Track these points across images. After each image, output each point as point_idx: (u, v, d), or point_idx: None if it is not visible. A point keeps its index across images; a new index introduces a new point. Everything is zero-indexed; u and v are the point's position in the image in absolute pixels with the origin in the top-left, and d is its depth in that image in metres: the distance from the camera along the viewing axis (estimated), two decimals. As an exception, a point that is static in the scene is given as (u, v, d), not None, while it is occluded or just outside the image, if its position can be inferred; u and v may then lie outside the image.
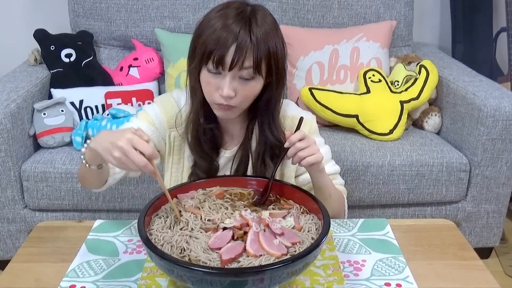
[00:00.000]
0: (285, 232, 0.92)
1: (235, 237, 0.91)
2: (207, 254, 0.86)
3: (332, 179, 1.20)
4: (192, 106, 1.16)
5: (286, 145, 1.06)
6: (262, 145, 1.17)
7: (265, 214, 0.97)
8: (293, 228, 0.95)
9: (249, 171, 1.21)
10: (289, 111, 1.22)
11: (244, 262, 0.85)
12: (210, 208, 0.99)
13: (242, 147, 1.20)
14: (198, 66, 1.08)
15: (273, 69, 1.07)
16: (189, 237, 0.91)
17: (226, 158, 1.22)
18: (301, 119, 1.11)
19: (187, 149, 1.20)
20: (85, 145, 1.03)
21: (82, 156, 1.04)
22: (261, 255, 0.86)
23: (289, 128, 1.18)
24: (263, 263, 0.84)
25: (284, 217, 0.98)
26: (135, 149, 0.89)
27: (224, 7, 1.06)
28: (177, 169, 1.22)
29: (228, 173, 1.22)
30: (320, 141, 1.23)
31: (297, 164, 1.07)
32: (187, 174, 1.21)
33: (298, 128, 1.10)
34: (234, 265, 0.85)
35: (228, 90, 1.04)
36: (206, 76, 1.07)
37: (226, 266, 0.84)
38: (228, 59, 1.02)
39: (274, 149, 1.17)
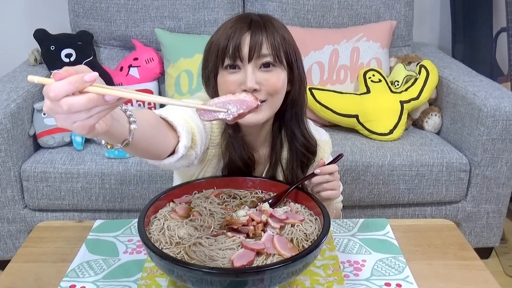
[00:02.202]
0: (288, 216, 0.96)
1: (250, 235, 0.91)
2: (214, 262, 0.86)
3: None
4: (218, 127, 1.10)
5: (316, 171, 1.06)
6: (291, 160, 1.14)
7: (264, 205, 0.98)
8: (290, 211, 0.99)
9: None
10: (312, 129, 1.19)
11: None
12: (201, 214, 0.98)
13: (271, 171, 1.16)
14: (214, 70, 1.04)
15: (292, 59, 1.04)
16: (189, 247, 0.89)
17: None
18: (340, 156, 1.12)
19: (209, 167, 1.14)
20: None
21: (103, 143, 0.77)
22: (273, 254, 0.87)
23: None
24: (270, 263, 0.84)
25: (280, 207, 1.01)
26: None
27: (234, 18, 1.06)
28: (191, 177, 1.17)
29: None
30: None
31: (315, 192, 1.08)
32: None
33: (334, 162, 1.09)
34: None
35: (252, 82, 0.99)
36: (224, 77, 1.02)
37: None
38: (245, 48, 0.99)
39: (303, 158, 1.15)
